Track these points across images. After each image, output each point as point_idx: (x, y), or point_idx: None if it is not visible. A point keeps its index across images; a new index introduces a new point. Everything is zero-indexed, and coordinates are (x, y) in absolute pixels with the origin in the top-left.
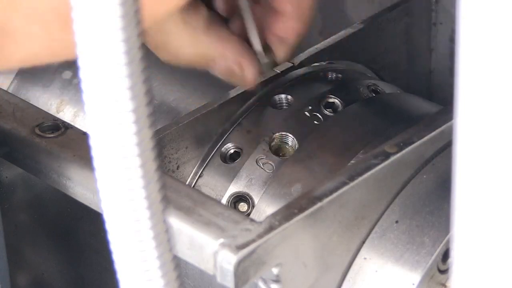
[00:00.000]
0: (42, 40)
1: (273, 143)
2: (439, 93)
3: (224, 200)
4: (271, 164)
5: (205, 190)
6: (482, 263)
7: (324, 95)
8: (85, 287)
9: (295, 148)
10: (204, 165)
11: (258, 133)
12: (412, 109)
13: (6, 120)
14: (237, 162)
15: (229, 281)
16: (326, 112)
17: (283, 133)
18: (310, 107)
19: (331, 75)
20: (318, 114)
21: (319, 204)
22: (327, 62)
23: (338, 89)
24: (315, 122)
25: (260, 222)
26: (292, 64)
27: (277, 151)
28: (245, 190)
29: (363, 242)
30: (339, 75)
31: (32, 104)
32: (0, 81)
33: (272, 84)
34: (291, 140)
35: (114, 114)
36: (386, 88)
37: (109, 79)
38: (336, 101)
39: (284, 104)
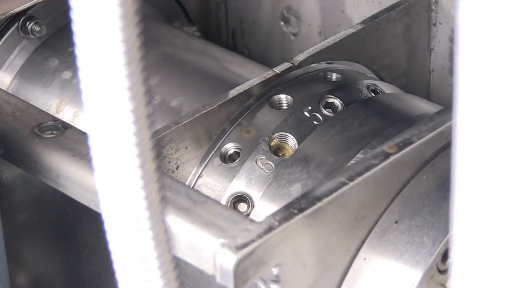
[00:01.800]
0: None
1: (272, 143)
2: (439, 93)
3: (223, 201)
4: (270, 164)
5: (205, 190)
6: (481, 263)
7: (323, 96)
8: (84, 287)
9: (294, 148)
10: (204, 166)
11: (257, 133)
12: (412, 109)
13: (5, 120)
14: (236, 162)
15: (229, 281)
16: (325, 112)
17: (283, 133)
18: (309, 107)
19: (331, 76)
20: (317, 114)
21: (318, 205)
22: (326, 62)
23: (337, 89)
24: (315, 122)
25: (260, 223)
26: (292, 64)
27: (277, 151)
28: (245, 190)
29: (363, 242)
30: (339, 76)
31: (31, 105)
32: (0, 81)
33: (271, 84)
34: (290, 140)
35: (114, 114)
36: (385, 88)
37: (109, 80)
38: (336, 101)
39: (284, 104)
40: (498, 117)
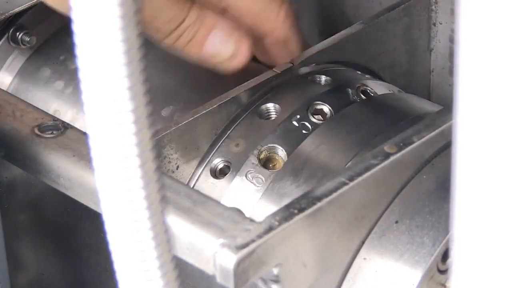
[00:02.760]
0: None
1: (262, 156)
2: (439, 93)
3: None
4: (260, 178)
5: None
6: (482, 263)
7: (311, 102)
8: (85, 287)
9: (284, 159)
10: (204, 165)
11: (246, 146)
12: (412, 109)
13: (5, 120)
14: (226, 177)
15: (229, 281)
16: (314, 120)
17: (272, 145)
18: (297, 116)
19: (319, 79)
20: (306, 123)
21: (318, 205)
22: (314, 64)
23: (326, 94)
24: (304, 131)
25: (260, 223)
26: (292, 64)
27: (267, 163)
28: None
29: (363, 242)
30: (328, 78)
31: (31, 105)
32: (0, 81)
33: (259, 92)
34: (280, 151)
35: (114, 114)
36: (378, 88)
37: (109, 79)
38: (325, 107)
39: (272, 114)
40: (499, 117)
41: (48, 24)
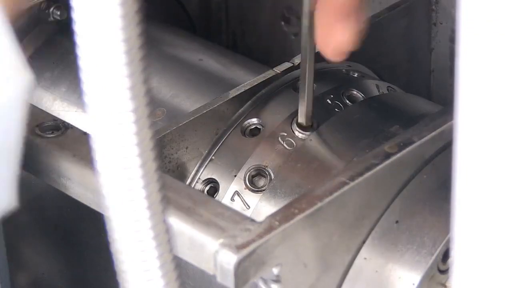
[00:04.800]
0: None
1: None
2: (439, 93)
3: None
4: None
5: None
6: (482, 263)
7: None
8: (85, 287)
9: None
10: (205, 166)
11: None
12: (412, 109)
13: None
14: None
15: (229, 281)
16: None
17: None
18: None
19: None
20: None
21: (319, 204)
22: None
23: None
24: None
25: (260, 222)
26: (292, 64)
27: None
28: None
29: (363, 242)
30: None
31: (32, 104)
32: None
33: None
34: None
35: (115, 114)
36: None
37: (110, 79)
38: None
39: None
40: (499, 117)
41: (44, 27)
